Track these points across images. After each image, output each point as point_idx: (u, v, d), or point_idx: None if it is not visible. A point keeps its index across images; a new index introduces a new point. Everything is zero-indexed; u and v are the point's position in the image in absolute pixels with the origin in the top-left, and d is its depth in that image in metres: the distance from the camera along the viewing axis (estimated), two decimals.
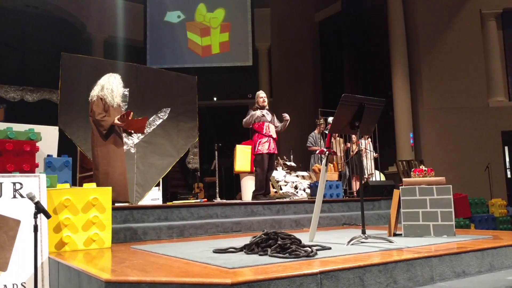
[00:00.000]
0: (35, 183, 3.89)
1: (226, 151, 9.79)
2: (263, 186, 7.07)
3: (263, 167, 7.04)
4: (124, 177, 5.61)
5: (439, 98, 12.97)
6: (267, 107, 7.36)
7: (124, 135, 6.09)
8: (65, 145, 6.58)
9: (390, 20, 13.48)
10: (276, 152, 7.29)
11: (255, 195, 7.09)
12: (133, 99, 7.00)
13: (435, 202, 4.32)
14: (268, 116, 7.28)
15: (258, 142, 7.11)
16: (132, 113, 5.69)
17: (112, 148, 5.53)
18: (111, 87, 5.56)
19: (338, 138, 9.51)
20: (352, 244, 3.71)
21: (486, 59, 13.27)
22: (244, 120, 7.20)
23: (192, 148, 12.70)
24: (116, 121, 5.49)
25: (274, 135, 7.23)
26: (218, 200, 7.83)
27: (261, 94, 7.37)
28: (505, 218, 9.12)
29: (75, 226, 4.19)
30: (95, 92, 5.56)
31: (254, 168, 7.28)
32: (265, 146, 7.07)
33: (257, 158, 7.16)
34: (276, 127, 7.31)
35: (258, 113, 7.10)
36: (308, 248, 3.20)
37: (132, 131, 5.89)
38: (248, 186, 8.10)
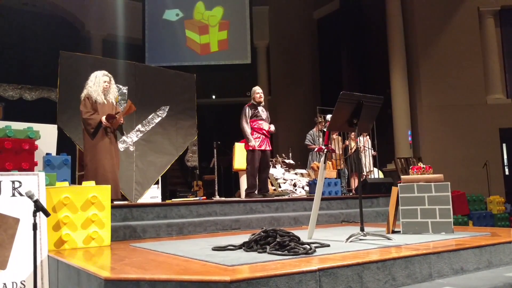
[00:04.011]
0: (34, 181, 3.89)
1: (225, 149, 9.80)
2: (254, 184, 7.03)
3: (254, 164, 7.00)
4: (114, 174, 5.62)
5: (437, 96, 12.99)
6: (263, 104, 7.35)
7: (124, 137, 6.12)
8: (64, 144, 6.58)
9: (388, 17, 13.48)
10: (269, 149, 7.26)
11: (247, 193, 7.06)
12: (132, 97, 6.99)
13: (433, 199, 4.33)
14: (264, 114, 7.25)
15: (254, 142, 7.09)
16: (121, 119, 5.71)
17: (101, 146, 5.57)
18: (94, 86, 5.62)
19: (336, 137, 9.52)
20: (350, 241, 3.72)
21: (484, 56, 13.28)
22: (242, 126, 7.10)
23: (191, 146, 12.68)
24: (104, 120, 5.53)
25: (267, 132, 7.21)
26: (217, 198, 7.84)
27: (258, 90, 7.33)
28: (503, 215, 9.14)
29: (74, 224, 4.20)
30: (83, 92, 5.67)
31: (246, 166, 7.25)
32: (257, 142, 7.04)
33: (248, 155, 7.14)
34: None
35: (254, 144, 7.04)
36: (306, 246, 3.21)
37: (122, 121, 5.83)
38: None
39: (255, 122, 7.13)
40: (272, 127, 7.28)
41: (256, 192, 7.00)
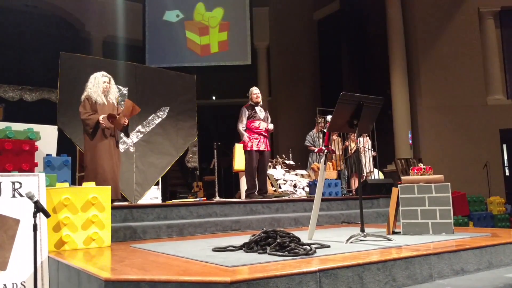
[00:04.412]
0: (34, 182, 3.89)
1: (225, 150, 9.80)
2: (254, 184, 7.02)
3: (251, 164, 6.99)
4: (113, 175, 5.63)
5: (437, 96, 12.98)
6: (261, 104, 7.32)
7: (122, 135, 6.11)
8: (64, 144, 6.58)
9: (388, 18, 13.48)
10: (268, 149, 7.24)
11: (248, 194, 7.05)
12: (132, 98, 6.98)
13: (434, 200, 4.33)
14: (261, 113, 7.22)
15: (248, 139, 7.08)
16: (126, 121, 5.71)
17: (101, 146, 5.58)
18: (94, 87, 5.65)
19: (336, 137, 9.51)
20: (351, 242, 3.72)
21: (484, 57, 13.28)
22: (238, 128, 7.12)
23: (191, 147, 12.69)
24: (101, 120, 5.53)
25: (266, 133, 7.18)
26: (217, 198, 7.83)
27: (255, 91, 7.29)
28: (504, 216, 9.14)
29: (74, 225, 4.20)
30: (83, 94, 5.70)
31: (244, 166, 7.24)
32: (255, 143, 7.02)
33: (245, 155, 7.13)
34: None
35: (246, 138, 7.04)
36: (307, 246, 3.21)
37: (126, 123, 5.83)
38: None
39: (253, 122, 7.12)
40: (271, 126, 7.26)
41: (256, 192, 6.99)
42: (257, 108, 7.20)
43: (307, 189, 8.45)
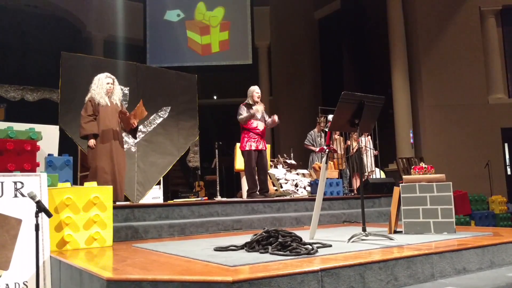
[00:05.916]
0: (36, 182, 3.90)
1: (226, 149, 9.80)
2: (255, 183, 7.01)
3: (251, 164, 6.99)
4: (114, 176, 5.62)
5: (438, 95, 12.98)
6: (258, 103, 7.32)
7: (124, 134, 6.12)
8: (66, 144, 6.59)
9: (389, 17, 13.47)
10: (265, 148, 7.24)
11: (249, 194, 7.04)
12: (133, 98, 6.99)
13: (435, 199, 4.33)
14: (258, 114, 7.22)
15: (245, 139, 7.06)
16: (135, 123, 5.80)
17: (101, 148, 5.59)
18: (98, 88, 5.67)
19: (338, 137, 9.51)
20: (352, 242, 3.72)
21: (486, 56, 13.26)
22: (240, 117, 7.08)
23: (192, 147, 12.71)
24: (90, 143, 5.57)
25: (263, 132, 7.18)
26: (218, 198, 7.84)
27: (257, 90, 7.27)
28: (505, 215, 9.11)
29: (76, 225, 4.20)
30: (87, 96, 5.72)
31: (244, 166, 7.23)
32: (253, 143, 7.02)
33: (244, 156, 7.11)
34: (265, 122, 7.27)
35: (254, 110, 7.01)
36: (308, 246, 3.21)
37: (135, 125, 5.88)
38: None
39: (251, 123, 7.10)
40: (275, 117, 7.22)
41: (257, 192, 6.99)
42: (255, 108, 7.19)
43: (308, 188, 8.44)
